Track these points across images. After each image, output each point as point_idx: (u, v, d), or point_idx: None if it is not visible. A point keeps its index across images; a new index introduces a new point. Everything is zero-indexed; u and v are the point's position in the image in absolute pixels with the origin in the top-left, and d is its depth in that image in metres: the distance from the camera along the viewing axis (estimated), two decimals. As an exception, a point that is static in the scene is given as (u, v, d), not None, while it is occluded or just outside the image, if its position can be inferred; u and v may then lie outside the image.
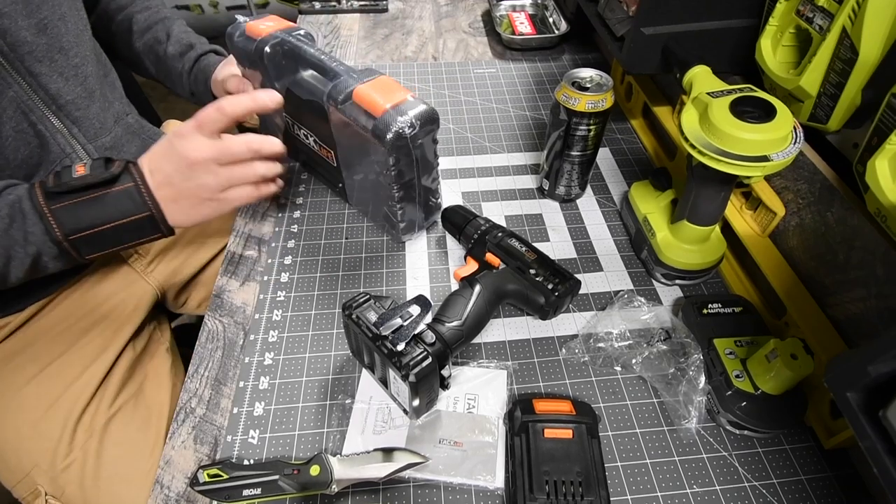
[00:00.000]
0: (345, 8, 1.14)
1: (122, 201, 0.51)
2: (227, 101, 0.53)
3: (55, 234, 0.50)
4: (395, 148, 0.52)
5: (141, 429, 0.63)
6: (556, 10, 1.05)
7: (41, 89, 0.58)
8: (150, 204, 0.52)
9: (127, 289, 0.71)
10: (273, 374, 0.53)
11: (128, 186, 0.51)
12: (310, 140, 0.63)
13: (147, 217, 0.52)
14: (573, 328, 0.56)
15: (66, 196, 0.49)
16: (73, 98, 0.61)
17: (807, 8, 0.48)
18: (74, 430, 0.60)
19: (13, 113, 0.56)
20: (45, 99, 0.59)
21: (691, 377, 0.48)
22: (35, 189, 0.50)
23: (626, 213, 0.66)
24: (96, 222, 0.50)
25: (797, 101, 0.51)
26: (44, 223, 0.49)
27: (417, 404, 0.45)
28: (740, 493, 0.45)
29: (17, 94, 0.56)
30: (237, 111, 0.53)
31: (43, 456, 0.59)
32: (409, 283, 0.61)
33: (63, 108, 0.60)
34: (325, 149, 0.61)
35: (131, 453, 0.61)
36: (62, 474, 0.59)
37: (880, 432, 0.26)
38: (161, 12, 0.79)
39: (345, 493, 0.44)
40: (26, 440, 0.60)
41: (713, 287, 0.60)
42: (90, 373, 0.64)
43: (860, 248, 0.45)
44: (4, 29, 0.54)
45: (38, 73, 0.57)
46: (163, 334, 0.75)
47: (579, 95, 0.58)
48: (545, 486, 0.41)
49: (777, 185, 0.55)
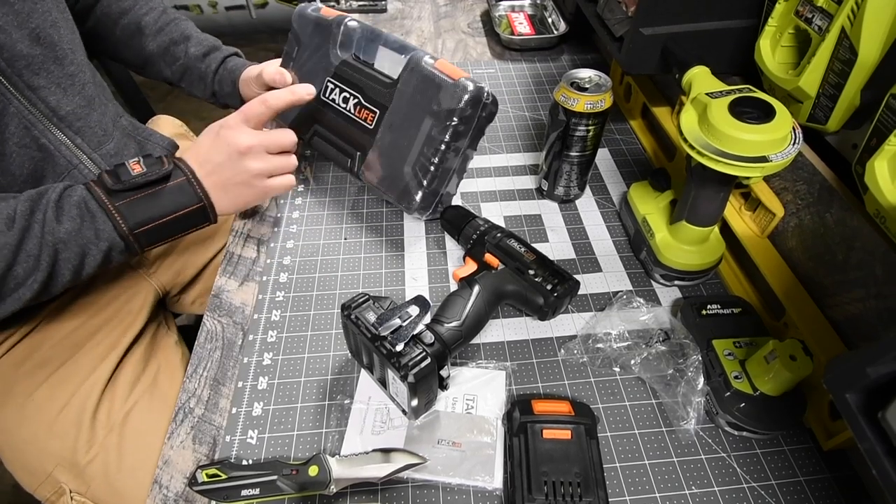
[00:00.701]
0: (344, 8, 1.14)
1: (177, 195, 0.54)
2: (271, 96, 0.58)
3: (122, 230, 0.52)
4: (468, 104, 0.56)
5: (159, 419, 0.63)
6: (555, 11, 1.05)
7: (41, 102, 0.58)
8: (201, 195, 0.55)
9: (131, 288, 0.72)
10: (272, 375, 0.53)
11: (181, 181, 0.54)
12: (348, 104, 0.64)
13: (199, 208, 0.56)
14: (572, 329, 0.56)
15: (126, 194, 0.52)
16: (72, 108, 0.62)
17: (806, 8, 0.48)
18: (92, 426, 0.61)
19: (15, 129, 0.56)
20: (45, 112, 0.59)
21: (690, 378, 0.48)
22: (94, 188, 0.52)
23: (625, 214, 0.66)
24: (156, 216, 0.54)
25: (796, 101, 0.51)
26: (111, 220, 0.52)
27: (416, 405, 0.45)
28: (739, 495, 0.45)
29: (17, 109, 0.56)
30: (279, 105, 0.58)
31: (63, 455, 0.60)
32: (408, 283, 0.61)
33: (64, 119, 0.61)
34: (366, 110, 0.63)
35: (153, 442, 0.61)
36: (86, 469, 0.59)
37: (879, 434, 0.26)
38: (169, 13, 0.79)
39: (343, 494, 0.44)
40: (44, 441, 0.60)
41: (712, 288, 0.60)
42: (101, 371, 0.64)
43: (859, 248, 0.45)
44: (1, 44, 0.53)
45: (36, 86, 0.57)
46: (170, 328, 0.76)
47: (578, 96, 0.58)
48: (544, 487, 0.41)
49: (776, 185, 0.55)
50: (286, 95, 0.59)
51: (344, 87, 0.64)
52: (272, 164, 0.59)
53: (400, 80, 0.60)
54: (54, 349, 0.64)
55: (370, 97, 0.63)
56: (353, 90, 0.64)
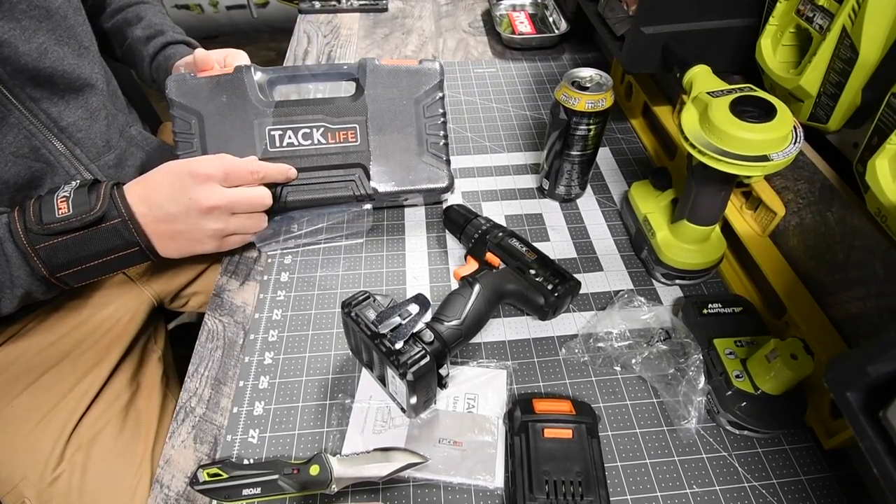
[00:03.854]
0: (345, 7, 1.13)
1: (109, 238, 0.50)
2: (264, 170, 0.56)
3: (41, 273, 0.49)
4: (440, 84, 0.63)
5: (130, 443, 0.62)
6: (556, 10, 1.05)
7: (42, 113, 0.57)
8: (139, 239, 0.51)
9: (122, 297, 0.69)
10: (273, 374, 0.53)
11: (115, 223, 0.50)
12: (314, 137, 0.61)
13: (136, 251, 0.52)
14: (573, 328, 0.56)
15: (47, 238, 0.48)
16: (74, 120, 0.60)
17: (807, 7, 0.48)
18: (66, 443, 0.59)
19: (13, 138, 0.55)
20: (46, 122, 0.58)
21: (691, 377, 0.48)
22: (16, 225, 0.48)
23: (626, 213, 0.66)
24: (83, 259, 0.50)
25: (797, 100, 0.51)
26: (29, 265, 0.49)
27: (415, 402, 0.45)
28: (740, 494, 0.45)
29: (18, 119, 0.55)
30: (268, 180, 0.56)
31: (33, 469, 0.58)
32: (409, 282, 0.61)
33: (65, 130, 0.60)
34: (341, 132, 0.61)
35: (117, 469, 0.60)
36: (49, 488, 0.57)
37: (880, 432, 0.26)
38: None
39: (344, 493, 0.44)
40: (18, 452, 0.58)
41: (713, 287, 0.60)
42: (84, 385, 0.62)
43: (860, 247, 0.45)
44: (4, 57, 0.53)
45: (38, 97, 0.57)
46: (157, 342, 0.74)
47: (579, 95, 0.58)
48: (545, 486, 0.41)
49: (777, 184, 0.55)
50: (277, 176, 0.57)
51: (296, 125, 0.60)
52: (233, 226, 0.55)
53: (364, 86, 0.61)
54: (39, 356, 0.62)
55: (339, 116, 0.61)
56: (309, 123, 0.61)
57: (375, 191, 0.61)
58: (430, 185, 0.62)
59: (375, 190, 0.61)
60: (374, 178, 0.62)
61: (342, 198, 0.62)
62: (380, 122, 0.62)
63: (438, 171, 0.63)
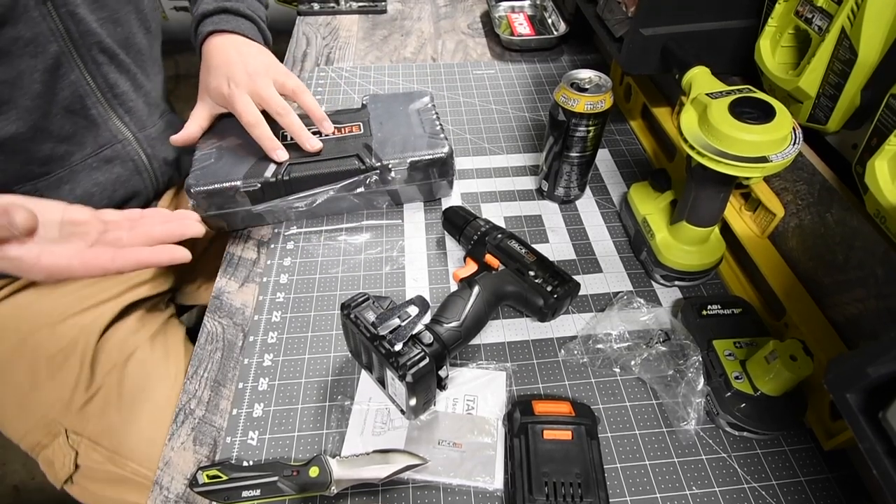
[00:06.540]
0: (343, 9, 1.13)
1: None
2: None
3: None
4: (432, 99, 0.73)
5: (160, 364, 0.65)
6: (555, 11, 1.05)
7: (101, 78, 0.62)
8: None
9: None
10: (272, 376, 0.53)
11: None
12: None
13: None
14: (572, 329, 0.56)
15: None
16: (125, 90, 0.65)
17: (806, 8, 0.48)
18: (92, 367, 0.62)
19: (69, 94, 0.59)
20: (102, 87, 0.62)
21: (690, 379, 0.48)
22: None
23: (626, 215, 0.66)
24: None
25: (796, 101, 0.51)
26: None
27: (414, 404, 0.45)
28: (739, 495, 0.45)
29: (77, 78, 0.59)
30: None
31: (61, 395, 0.60)
32: (408, 283, 0.61)
33: (118, 97, 0.65)
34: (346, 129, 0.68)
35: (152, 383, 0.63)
36: (85, 408, 0.60)
37: (880, 434, 0.26)
38: None
39: (344, 495, 0.44)
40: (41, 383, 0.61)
41: (712, 288, 0.60)
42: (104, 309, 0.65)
43: (860, 248, 0.45)
44: (80, 18, 0.58)
45: (101, 62, 0.61)
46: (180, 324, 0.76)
47: (578, 96, 0.58)
48: (544, 488, 0.41)
49: (776, 186, 0.55)
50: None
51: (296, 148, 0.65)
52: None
53: (367, 104, 0.72)
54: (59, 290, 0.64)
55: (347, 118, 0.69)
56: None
57: (380, 160, 0.63)
58: (432, 154, 0.65)
59: (380, 159, 0.63)
60: (377, 151, 0.64)
61: (347, 172, 0.63)
62: (381, 119, 0.70)
63: (438, 143, 0.66)
